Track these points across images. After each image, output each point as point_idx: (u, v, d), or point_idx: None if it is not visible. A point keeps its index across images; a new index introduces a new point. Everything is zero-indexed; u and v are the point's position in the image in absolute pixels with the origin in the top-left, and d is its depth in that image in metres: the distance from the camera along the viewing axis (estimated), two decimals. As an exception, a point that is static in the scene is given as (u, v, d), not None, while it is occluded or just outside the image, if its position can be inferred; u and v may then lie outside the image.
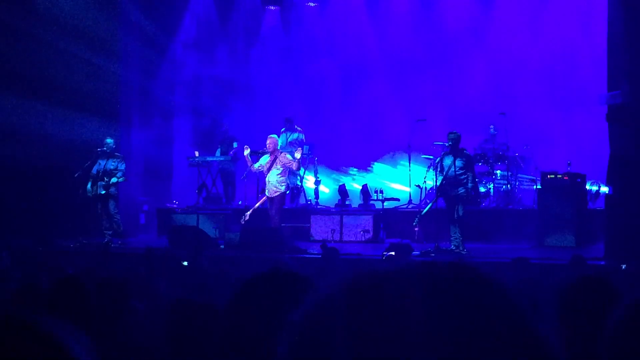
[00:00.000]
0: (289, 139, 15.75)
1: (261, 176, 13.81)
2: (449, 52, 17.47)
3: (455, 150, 11.79)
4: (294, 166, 13.00)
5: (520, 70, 16.85)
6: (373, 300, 0.90)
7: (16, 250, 10.53)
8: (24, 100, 14.73)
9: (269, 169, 12.80)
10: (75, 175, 13.36)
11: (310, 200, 15.78)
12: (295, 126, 16.05)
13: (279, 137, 13.95)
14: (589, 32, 16.05)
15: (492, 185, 14.70)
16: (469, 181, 11.74)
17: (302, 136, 15.96)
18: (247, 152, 13.08)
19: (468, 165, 11.81)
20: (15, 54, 14.70)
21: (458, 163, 11.72)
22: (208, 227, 13.87)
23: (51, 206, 14.65)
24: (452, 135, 11.84)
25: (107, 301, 3.75)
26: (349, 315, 0.89)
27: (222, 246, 12.84)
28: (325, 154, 17.08)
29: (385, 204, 14.86)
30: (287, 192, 13.48)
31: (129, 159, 14.63)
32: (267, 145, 12.95)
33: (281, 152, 12.97)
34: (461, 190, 11.71)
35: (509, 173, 14.63)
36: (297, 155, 12.90)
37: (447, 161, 11.83)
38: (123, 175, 13.48)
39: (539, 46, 16.92)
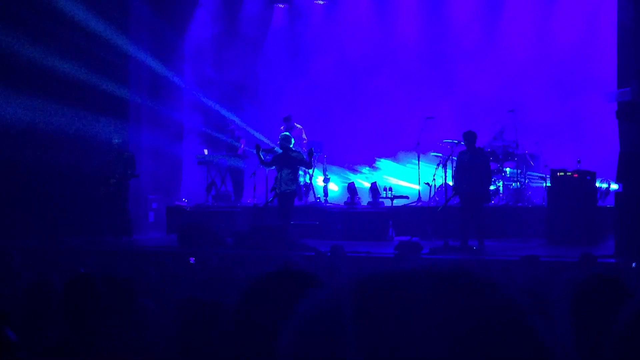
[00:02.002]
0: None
1: (270, 174, 13.83)
2: (458, 49, 17.43)
3: (472, 149, 11.99)
4: (305, 165, 13.07)
5: (529, 67, 16.79)
6: (379, 303, 0.89)
7: (26, 250, 10.57)
8: (33, 98, 14.78)
9: (280, 168, 12.82)
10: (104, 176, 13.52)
11: (319, 198, 15.80)
12: (295, 124, 16.05)
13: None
14: (599, 28, 15.99)
15: (501, 182, 14.68)
16: (486, 180, 11.99)
17: (303, 136, 16.02)
18: (258, 149, 13.09)
19: (484, 164, 12.03)
20: (24, 51, 14.74)
21: (475, 162, 11.90)
22: (217, 225, 13.91)
23: (61, 204, 14.70)
24: (469, 134, 12.06)
25: (117, 300, 3.76)
26: (355, 317, 0.89)
27: (230, 244, 12.87)
28: (335, 152, 17.07)
29: (394, 201, 14.85)
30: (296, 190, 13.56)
31: (139, 157, 14.67)
32: (279, 144, 13.02)
33: (292, 151, 12.96)
34: (478, 189, 11.88)
35: (519, 170, 14.60)
36: (309, 154, 12.91)
37: (464, 160, 12.03)
38: (133, 173, 13.59)
39: (548, 43, 16.86)
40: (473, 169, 11.89)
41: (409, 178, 16.52)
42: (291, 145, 12.98)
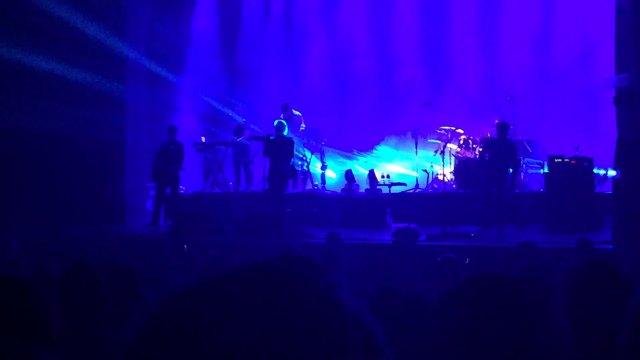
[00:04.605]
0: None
1: (267, 162, 13.89)
2: (455, 35, 17.39)
3: (503, 139, 12.56)
4: (289, 154, 13.44)
5: (528, 53, 16.78)
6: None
7: (26, 238, 10.57)
8: (34, 90, 14.75)
9: (272, 152, 13.13)
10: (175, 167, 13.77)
11: (317, 185, 15.82)
12: (293, 110, 16.07)
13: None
14: (597, 15, 15.95)
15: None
16: (512, 168, 12.58)
17: (303, 125, 16.10)
18: (267, 138, 13.52)
19: (513, 153, 12.57)
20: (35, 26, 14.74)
21: (503, 152, 12.46)
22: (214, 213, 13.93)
23: (61, 193, 14.67)
24: (502, 125, 12.65)
25: (117, 288, 3.76)
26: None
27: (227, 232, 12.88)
28: (332, 139, 17.06)
29: (392, 188, 14.87)
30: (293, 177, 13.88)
31: (137, 146, 14.66)
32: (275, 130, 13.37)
33: (285, 138, 13.27)
34: (504, 176, 12.46)
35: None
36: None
37: (494, 149, 12.61)
38: (182, 162, 13.80)
39: (547, 29, 16.83)
40: (502, 159, 12.41)
41: (406, 165, 16.52)
42: (285, 133, 13.36)
